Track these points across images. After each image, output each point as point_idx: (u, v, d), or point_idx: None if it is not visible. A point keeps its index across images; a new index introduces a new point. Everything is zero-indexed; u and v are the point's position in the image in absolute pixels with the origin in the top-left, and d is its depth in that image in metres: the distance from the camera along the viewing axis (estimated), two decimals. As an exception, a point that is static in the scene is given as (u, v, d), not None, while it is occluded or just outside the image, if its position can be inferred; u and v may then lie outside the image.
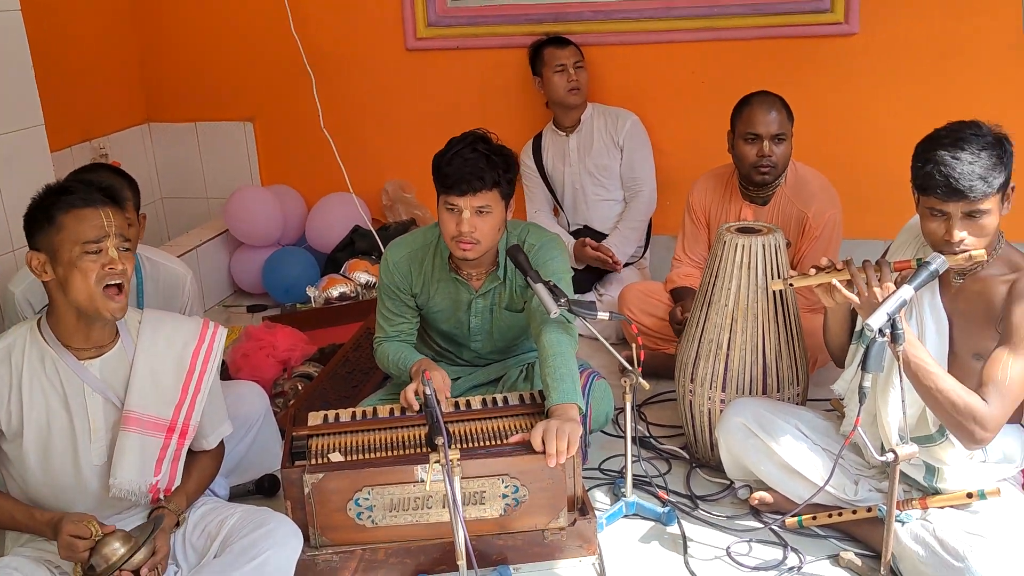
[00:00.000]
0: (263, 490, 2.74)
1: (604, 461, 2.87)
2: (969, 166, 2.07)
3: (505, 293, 2.72)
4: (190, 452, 2.21)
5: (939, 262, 2.12)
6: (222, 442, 2.34)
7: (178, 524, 2.15)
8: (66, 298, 2.00)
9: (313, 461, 2.28)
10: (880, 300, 2.12)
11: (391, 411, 2.53)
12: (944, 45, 3.78)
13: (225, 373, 3.34)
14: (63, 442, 2.06)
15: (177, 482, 2.17)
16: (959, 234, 2.12)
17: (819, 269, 2.30)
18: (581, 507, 2.39)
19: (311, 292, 4.02)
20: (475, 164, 2.46)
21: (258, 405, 2.76)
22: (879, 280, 2.18)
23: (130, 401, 2.08)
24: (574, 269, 3.91)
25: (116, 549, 1.96)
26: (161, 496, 2.14)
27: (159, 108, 4.79)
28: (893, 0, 3.79)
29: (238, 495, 2.67)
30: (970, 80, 3.77)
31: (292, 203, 4.58)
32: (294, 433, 2.40)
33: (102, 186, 2.07)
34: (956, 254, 2.14)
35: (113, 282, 2.00)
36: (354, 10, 4.40)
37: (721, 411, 2.66)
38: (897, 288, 2.10)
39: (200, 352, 2.16)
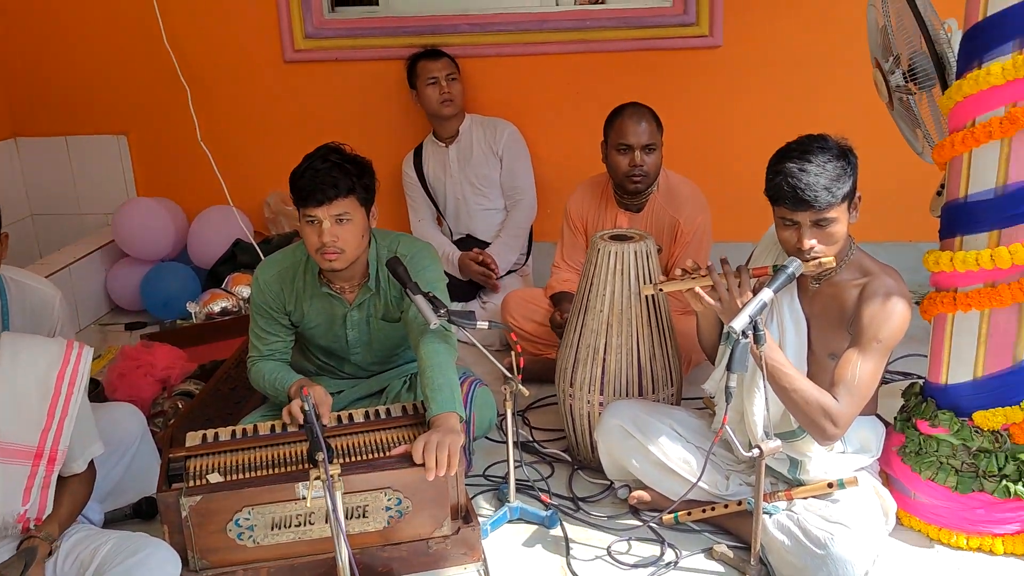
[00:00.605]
0: (141, 514, 2.68)
1: (488, 467, 2.92)
2: (815, 178, 2.19)
3: (380, 304, 2.73)
4: (60, 477, 2.15)
5: (795, 266, 2.25)
6: (93, 465, 2.27)
7: (51, 553, 2.09)
8: None
9: (191, 483, 2.25)
10: (740, 305, 2.24)
11: (272, 428, 2.51)
12: (800, 58, 4.00)
13: (101, 395, 3.25)
14: None
15: (48, 510, 2.10)
16: (809, 242, 2.25)
17: (685, 271, 2.41)
18: (465, 515, 2.42)
19: (191, 308, 3.95)
20: (327, 173, 2.48)
21: (134, 426, 2.70)
22: (739, 286, 2.29)
23: None
24: (459, 280, 3.97)
25: None
26: (32, 525, 2.07)
27: (27, 122, 4.62)
28: (754, 15, 3.97)
29: (115, 520, 2.61)
30: (823, 91, 4.00)
31: (175, 216, 4.49)
32: (171, 455, 2.36)
33: None
34: (808, 260, 2.27)
35: None
36: (229, 22, 4.34)
37: (600, 414, 2.73)
38: (757, 292, 2.21)
39: (65, 375, 2.10)
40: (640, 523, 2.60)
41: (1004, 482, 2.33)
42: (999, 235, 2.24)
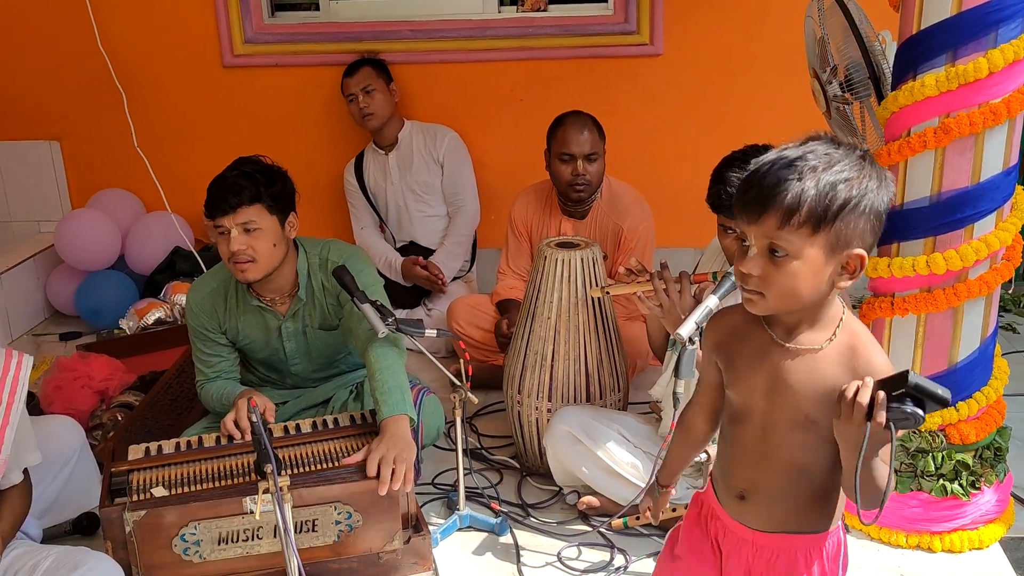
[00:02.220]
0: (81, 529, 2.61)
1: (437, 475, 2.91)
2: None
3: (315, 313, 2.71)
4: (-1, 490, 2.10)
5: (739, 272, 2.28)
6: (28, 476, 2.22)
7: (-6, 567, 2.03)
8: None
9: (134, 497, 2.20)
10: (679, 310, 2.28)
11: (217, 440, 2.47)
12: (738, 66, 4.07)
13: (36, 408, 3.16)
14: None
15: None
16: None
17: (630, 271, 2.45)
18: (415, 524, 2.41)
19: (124, 323, 3.86)
20: (233, 182, 2.48)
21: (73, 440, 2.63)
22: (679, 291, 2.33)
23: None
24: (403, 287, 3.95)
25: None
26: None
27: (-48, 127, 4.48)
28: (694, 24, 4.04)
29: (54, 536, 2.53)
30: (761, 99, 4.07)
31: (127, 213, 4.38)
32: (113, 469, 2.31)
33: None
34: None
35: None
36: (166, 26, 4.25)
37: (548, 420, 2.75)
38: (701, 299, 2.24)
39: (5, 383, 2.06)
40: (589, 528, 2.62)
41: (941, 481, 2.40)
42: (934, 241, 2.31)
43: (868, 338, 1.46)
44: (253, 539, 2.23)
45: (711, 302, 2.21)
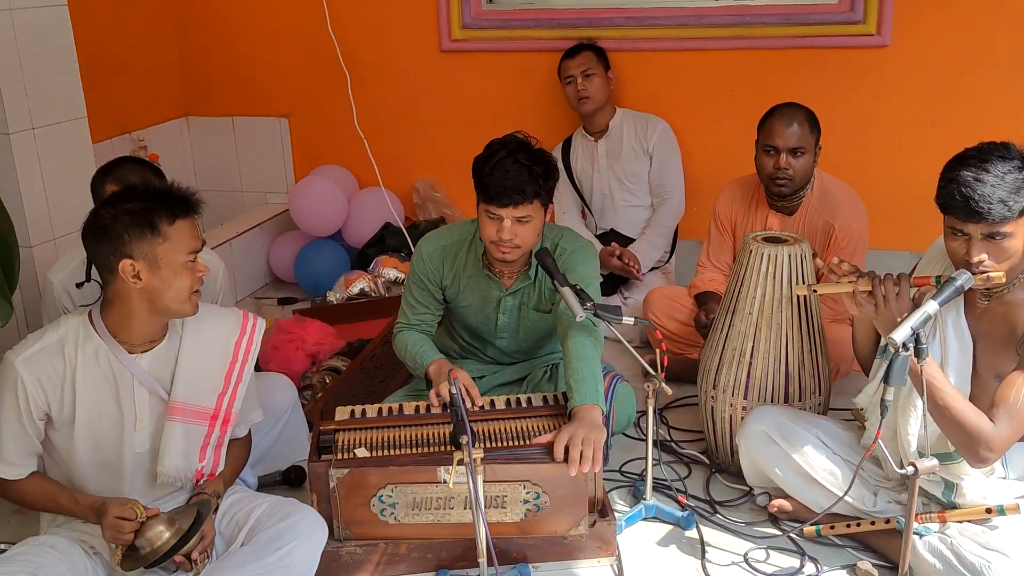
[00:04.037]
0: (289, 481, 2.80)
1: (625, 463, 2.90)
2: (991, 188, 2.08)
3: (534, 293, 2.75)
4: (222, 440, 2.28)
5: (964, 278, 2.13)
6: (250, 431, 2.40)
7: (216, 509, 2.21)
8: (151, 302, 2.07)
9: (339, 456, 2.33)
10: (896, 314, 2.15)
11: (416, 408, 2.57)
12: (976, 60, 3.78)
13: (255, 365, 3.39)
14: (111, 431, 2.14)
15: (221, 467, 2.25)
16: (978, 255, 2.13)
17: (841, 273, 2.34)
18: (601, 509, 2.42)
19: (332, 295, 4.09)
20: (517, 177, 2.46)
21: (287, 397, 2.82)
22: (897, 295, 2.20)
23: (176, 392, 2.15)
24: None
25: (161, 532, 2.02)
26: (202, 482, 2.21)
27: (198, 102, 4.87)
28: (926, 13, 3.79)
29: (265, 484, 2.73)
30: (996, 95, 3.77)
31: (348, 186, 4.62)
32: (321, 427, 2.46)
33: (189, 194, 2.11)
34: (977, 274, 2.15)
35: (199, 286, 2.11)
36: (390, 11, 4.45)
37: (742, 418, 2.68)
38: (920, 303, 2.12)
39: (242, 343, 2.24)
40: (780, 532, 2.54)
41: None
42: None
43: None
44: (445, 508, 2.31)
45: (931, 307, 2.09)
